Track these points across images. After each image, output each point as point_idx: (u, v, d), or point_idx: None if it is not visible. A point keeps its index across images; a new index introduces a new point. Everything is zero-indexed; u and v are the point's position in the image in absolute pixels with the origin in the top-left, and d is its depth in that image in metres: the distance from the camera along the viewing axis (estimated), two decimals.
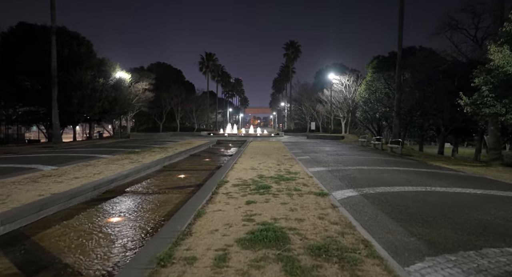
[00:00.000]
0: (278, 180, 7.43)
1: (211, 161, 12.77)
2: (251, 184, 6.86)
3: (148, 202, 6.10)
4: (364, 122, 25.52)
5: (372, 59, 25.99)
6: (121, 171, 8.41)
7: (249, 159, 11.72)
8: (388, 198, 5.75)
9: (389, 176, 8.23)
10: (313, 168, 9.63)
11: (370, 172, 9.02)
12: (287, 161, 11.19)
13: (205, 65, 51.45)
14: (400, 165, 10.87)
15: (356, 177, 8.09)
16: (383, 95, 24.42)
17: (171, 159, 12.19)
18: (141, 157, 12.14)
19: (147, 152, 14.20)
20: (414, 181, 7.48)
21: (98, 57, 23.46)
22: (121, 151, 14.57)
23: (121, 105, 23.85)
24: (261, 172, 8.62)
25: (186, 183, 8.02)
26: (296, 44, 53.10)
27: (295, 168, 9.46)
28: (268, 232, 3.76)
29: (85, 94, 20.22)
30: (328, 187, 6.75)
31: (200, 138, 29.91)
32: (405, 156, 14.44)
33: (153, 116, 39.58)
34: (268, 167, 9.73)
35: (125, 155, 12.87)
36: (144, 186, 7.58)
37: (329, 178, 7.90)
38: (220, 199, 5.53)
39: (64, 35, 21.13)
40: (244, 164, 10.32)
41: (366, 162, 11.38)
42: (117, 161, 10.97)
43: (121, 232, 4.42)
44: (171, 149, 16.21)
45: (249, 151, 15.09)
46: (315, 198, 5.64)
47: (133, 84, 28.68)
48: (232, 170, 9.08)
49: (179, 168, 10.69)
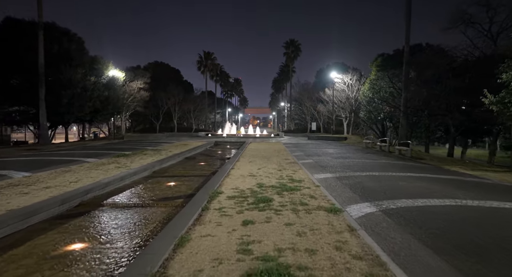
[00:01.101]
0: (281, 190, 6.43)
1: (206, 166, 11.75)
2: (249, 196, 5.86)
3: (124, 220, 5.07)
4: (368, 122, 24.53)
5: (376, 57, 25.00)
6: (102, 179, 7.39)
7: (247, 164, 10.72)
8: (415, 216, 4.74)
9: (407, 185, 7.23)
10: (319, 175, 8.63)
11: (383, 179, 8.02)
12: (289, 166, 10.19)
13: (203, 64, 50.36)
14: (414, 170, 9.87)
15: (370, 186, 7.09)
16: (387, 95, 23.43)
17: (163, 163, 11.17)
18: (130, 161, 11.12)
19: (138, 155, 13.18)
20: (438, 192, 6.48)
21: (90, 55, 22.41)
22: (110, 154, 13.56)
23: (114, 105, 22.76)
24: (260, 180, 7.61)
25: (174, 193, 7.00)
26: (296, 43, 52.08)
27: (299, 175, 8.46)
28: (272, 276, 2.75)
29: (75, 93, 19.16)
30: (339, 199, 5.75)
31: (198, 139, 28.90)
32: (416, 159, 13.44)
33: (150, 116, 38.51)
34: (269, 173, 8.73)
35: (113, 159, 11.85)
36: (125, 198, 6.55)
37: (338, 188, 6.89)
38: (211, 218, 4.52)
39: (53, 31, 20.08)
40: (242, 170, 9.31)
41: (376, 167, 10.38)
42: (101, 166, 9.95)
43: (69, 272, 3.40)
44: (164, 151, 15.20)
45: (248, 154, 14.09)
46: (326, 216, 4.64)
47: (127, 83, 27.61)
48: (228, 177, 8.07)
49: (170, 174, 9.68)
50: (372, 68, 24.80)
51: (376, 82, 23.56)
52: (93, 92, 20.20)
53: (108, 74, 22.99)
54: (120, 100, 24.67)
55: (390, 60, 23.49)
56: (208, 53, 50.98)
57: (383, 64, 23.35)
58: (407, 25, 17.28)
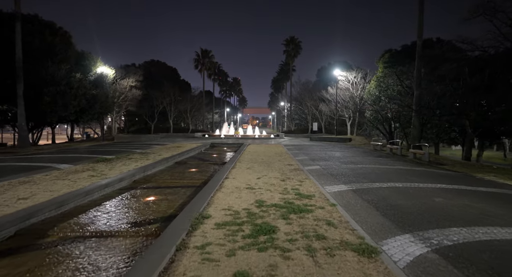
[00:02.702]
0: (287, 211, 4.93)
1: (197, 173, 10.22)
2: (245, 222, 4.35)
3: (49, 271, 3.54)
4: (374, 122, 23.02)
5: (383, 52, 23.47)
6: (60, 195, 5.85)
7: (244, 171, 9.20)
8: (492, 263, 3.21)
9: (446, 203, 5.71)
10: (331, 187, 7.11)
11: (412, 193, 6.51)
12: (293, 174, 8.67)
13: (201, 62, 48.73)
14: (443, 180, 8.36)
15: (399, 204, 5.57)
16: (395, 93, 21.92)
17: (147, 170, 9.63)
18: (109, 168, 9.60)
19: (122, 160, 11.66)
20: (494, 215, 4.96)
21: (77, 50, 20.81)
22: (91, 158, 12.03)
23: (102, 104, 21.12)
24: (260, 195, 6.10)
25: (149, 214, 5.46)
26: (297, 40, 50.55)
27: (307, 187, 6.94)
28: None
29: (59, 90, 17.56)
30: (368, 228, 4.24)
31: (193, 140, 27.35)
32: (436, 165, 11.93)
33: (144, 116, 36.92)
34: (270, 184, 7.21)
35: (90, 165, 10.31)
36: (77, 224, 4.95)
37: (360, 207, 5.37)
38: (187, 267, 3.01)
39: (35, 23, 18.52)
40: (238, 179, 7.80)
41: (395, 175, 8.86)
42: (72, 174, 8.41)
43: None
44: (153, 155, 13.67)
45: (246, 158, 12.57)
46: (358, 263, 3.13)
47: (118, 81, 26.00)
48: (221, 190, 6.55)
49: (152, 184, 8.14)
50: (379, 64, 23.28)
51: (383, 80, 22.05)
52: (79, 89, 18.58)
53: (96, 71, 21.37)
54: (110, 98, 23.03)
55: (398, 56, 21.99)
56: (206, 50, 49.38)
57: (391, 60, 21.83)
58: (420, 14, 15.74)
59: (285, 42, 51.44)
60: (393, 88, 22.05)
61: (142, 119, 38.47)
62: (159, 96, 35.29)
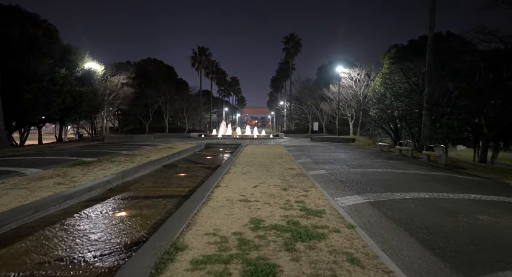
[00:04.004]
0: (291, 237, 3.67)
1: (185, 178, 8.93)
2: (234, 257, 3.09)
3: None
4: (380, 122, 21.76)
5: (389, 48, 22.17)
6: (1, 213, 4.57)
7: (239, 177, 7.92)
8: None
9: (497, 224, 4.44)
10: (343, 198, 5.84)
11: (446, 208, 5.24)
12: (296, 181, 7.40)
13: (198, 60, 47.33)
14: (473, 188, 7.10)
15: (438, 226, 4.30)
16: (402, 90, 20.68)
17: (127, 175, 8.34)
18: (84, 173, 8.32)
19: (103, 163, 10.37)
20: None
21: (63, 44, 19.43)
22: (69, 161, 10.73)
23: (90, 102, 19.76)
24: (257, 211, 4.83)
25: (106, 244, 4.16)
26: (297, 38, 49.23)
27: (314, 198, 5.68)
28: None
29: (41, 87, 16.23)
30: (412, 271, 2.95)
31: (189, 140, 26.04)
32: (456, 169, 10.68)
33: (139, 116, 35.55)
34: (269, 194, 5.94)
35: (63, 169, 9.02)
36: (4, 259, 3.68)
37: (389, 230, 4.10)
38: None
39: (16, 14, 17.17)
40: (231, 188, 6.52)
41: (416, 183, 7.59)
42: (35, 181, 7.12)
43: None
44: (140, 157, 12.38)
45: (242, 161, 11.29)
46: None
47: (108, 78, 24.61)
48: (208, 204, 5.27)
49: (130, 194, 6.86)
50: (385, 60, 22.00)
51: (389, 76, 20.79)
52: (63, 86, 17.22)
53: (84, 67, 20.04)
54: (99, 96, 21.64)
55: (405, 51, 20.72)
56: (203, 48, 48.01)
57: (397, 55, 20.55)
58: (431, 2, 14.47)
59: (285, 40, 50.15)
60: (399, 86, 20.80)
61: (136, 119, 37.11)
62: (154, 94, 33.94)
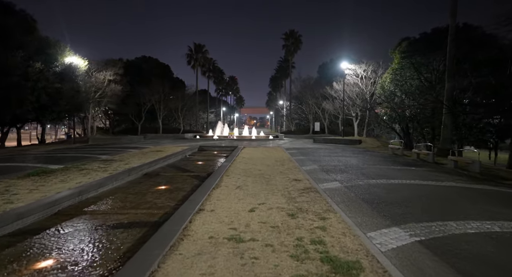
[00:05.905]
0: None
1: (166, 192, 7.08)
2: None
3: None
4: (389, 122, 19.99)
5: (399, 41, 20.33)
6: None
7: (232, 194, 6.10)
8: None
9: None
10: (380, 234, 4.03)
11: None
12: (306, 200, 5.59)
13: (194, 57, 45.37)
14: None
15: None
16: (413, 88, 18.92)
17: (88, 190, 6.49)
18: (34, 187, 6.50)
19: (68, 172, 8.54)
20: None
21: (40, 35, 17.54)
22: (29, 169, 8.93)
23: (70, 100, 17.86)
24: (253, 264, 2.96)
25: None
26: (297, 34, 47.39)
27: (337, 235, 3.85)
28: None
29: (11, 82, 14.36)
30: None
31: (182, 142, 24.17)
32: (499, 179, 8.86)
33: (130, 115, 33.62)
34: (271, 227, 4.11)
35: (10, 182, 7.19)
36: None
37: None
38: None
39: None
40: (218, 213, 4.70)
41: (466, 203, 5.80)
42: None
43: None
44: (118, 163, 10.54)
45: (238, 169, 9.47)
46: None
47: (93, 74, 22.67)
48: (178, 249, 3.41)
49: (81, 220, 5.02)
50: (395, 55, 20.21)
51: (399, 72, 19.02)
52: (38, 82, 15.36)
53: (64, 61, 18.17)
54: (81, 94, 19.70)
55: (417, 45, 18.95)
56: (199, 45, 46.06)
57: (409, 49, 18.76)
58: None
59: (284, 36, 48.29)
60: (411, 83, 19.04)
61: (128, 119, 35.19)
62: (147, 93, 32.04)
